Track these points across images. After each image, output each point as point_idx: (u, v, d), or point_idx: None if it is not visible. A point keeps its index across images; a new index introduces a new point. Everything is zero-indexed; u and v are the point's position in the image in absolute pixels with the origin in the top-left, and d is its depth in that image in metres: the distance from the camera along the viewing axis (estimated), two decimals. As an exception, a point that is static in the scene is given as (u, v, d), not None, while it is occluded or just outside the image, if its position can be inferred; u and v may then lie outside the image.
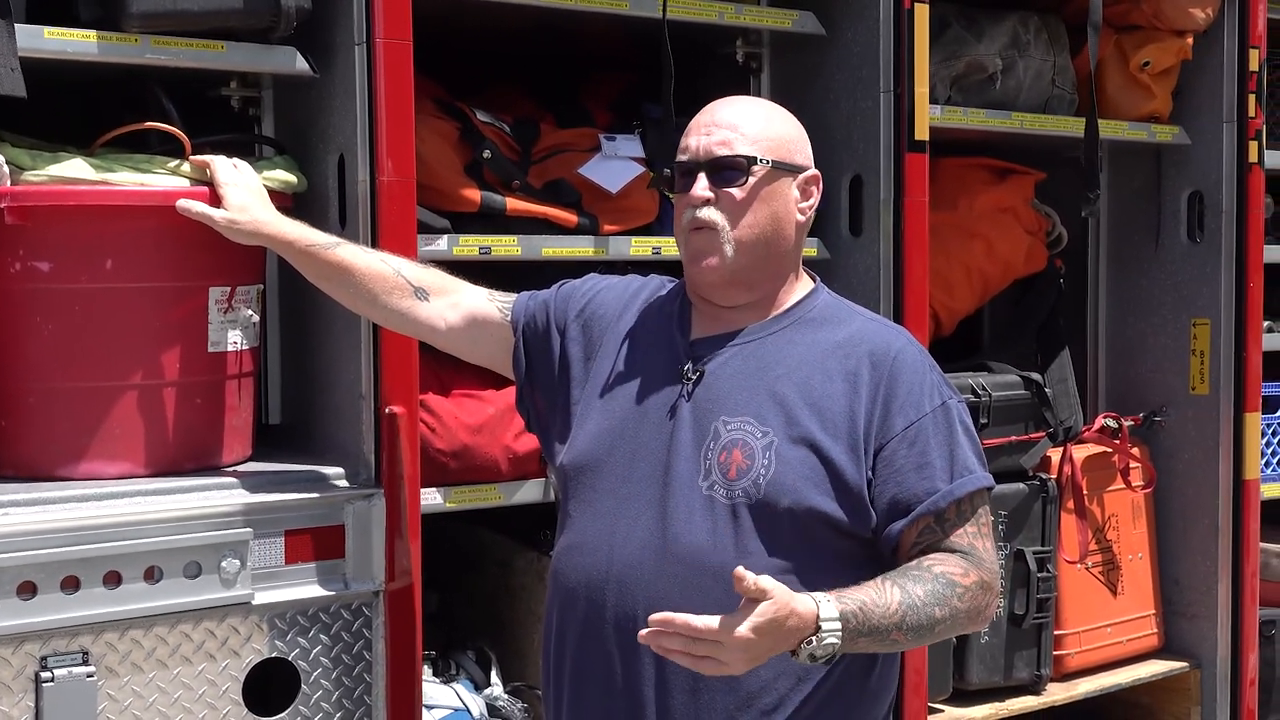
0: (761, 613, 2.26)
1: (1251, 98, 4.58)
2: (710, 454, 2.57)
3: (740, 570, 2.26)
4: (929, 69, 3.89)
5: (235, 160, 3.02)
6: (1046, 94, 4.38)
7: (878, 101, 3.84)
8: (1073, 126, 4.38)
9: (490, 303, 2.90)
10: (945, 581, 2.48)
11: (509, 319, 2.87)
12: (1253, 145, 4.60)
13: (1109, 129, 4.43)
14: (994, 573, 2.57)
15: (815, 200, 2.72)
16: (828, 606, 2.33)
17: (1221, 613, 4.68)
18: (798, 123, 2.74)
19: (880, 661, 2.63)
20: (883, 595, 2.41)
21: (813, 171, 2.72)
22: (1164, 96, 4.62)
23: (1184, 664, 4.74)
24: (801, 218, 2.70)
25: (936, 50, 4.02)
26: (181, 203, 2.92)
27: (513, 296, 2.91)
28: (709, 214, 2.62)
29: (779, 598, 2.27)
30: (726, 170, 2.62)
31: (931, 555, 2.53)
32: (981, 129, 4.22)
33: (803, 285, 2.75)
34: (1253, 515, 4.67)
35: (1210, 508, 4.69)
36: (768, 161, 2.63)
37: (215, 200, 2.94)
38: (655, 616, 2.29)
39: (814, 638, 2.31)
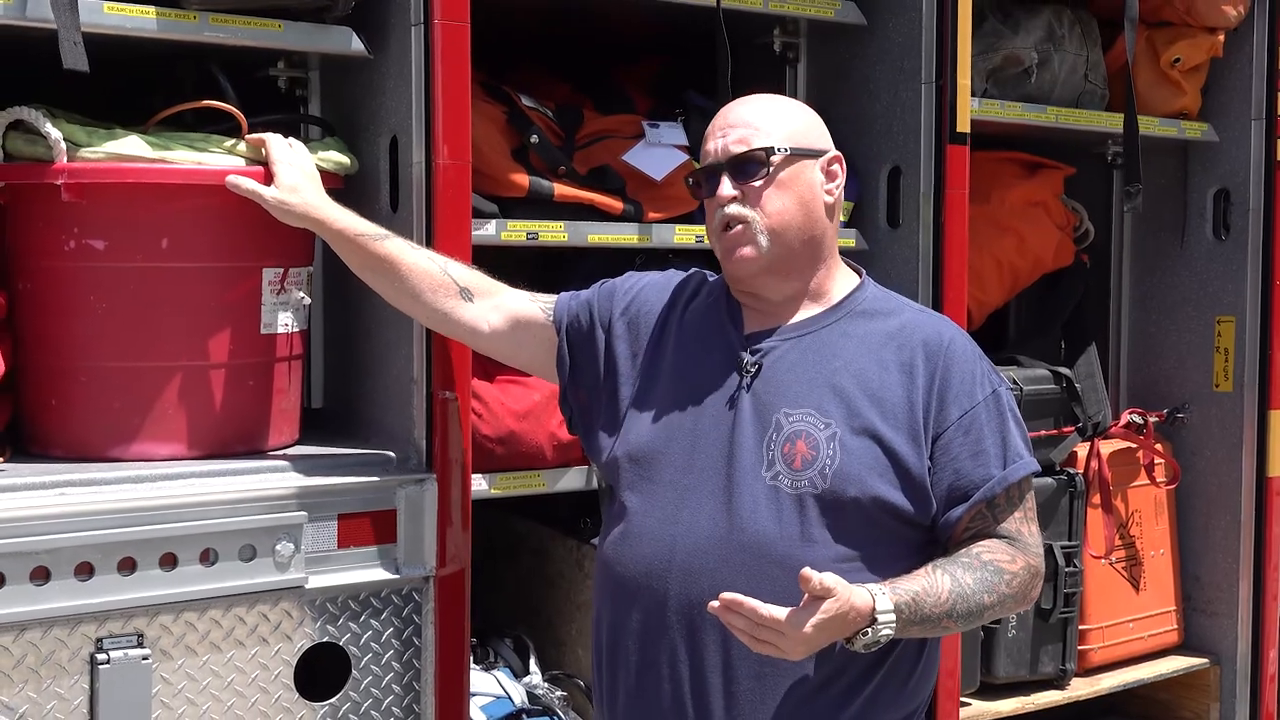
0: (826, 610, 2.34)
1: (1280, 95, 4.59)
2: (774, 445, 2.58)
3: (807, 571, 2.33)
4: (966, 61, 3.88)
5: (290, 140, 2.98)
6: (1079, 89, 4.37)
7: (919, 93, 3.82)
8: (1107, 121, 4.38)
9: (532, 304, 2.88)
10: (994, 569, 2.55)
11: (552, 320, 2.85)
12: (1280, 143, 4.61)
13: (1139, 124, 4.40)
14: (1040, 556, 2.65)
15: (842, 180, 2.74)
16: (883, 599, 2.41)
17: (1242, 609, 4.70)
18: (810, 109, 2.78)
19: (926, 645, 2.68)
20: (934, 585, 2.48)
21: (834, 152, 2.73)
22: (1194, 93, 4.63)
23: (1204, 660, 4.75)
24: (829, 199, 2.71)
25: (974, 43, 4.00)
26: (231, 178, 2.88)
27: (553, 298, 2.89)
28: (736, 209, 2.65)
29: (841, 595, 2.34)
30: (747, 165, 2.65)
31: (981, 543, 2.59)
32: (1018, 122, 4.20)
33: (848, 277, 2.76)
34: (1275, 512, 4.68)
35: (1232, 505, 4.70)
36: (785, 150, 2.65)
37: (268, 179, 2.90)
38: (725, 596, 2.36)
39: (869, 629, 2.39)
